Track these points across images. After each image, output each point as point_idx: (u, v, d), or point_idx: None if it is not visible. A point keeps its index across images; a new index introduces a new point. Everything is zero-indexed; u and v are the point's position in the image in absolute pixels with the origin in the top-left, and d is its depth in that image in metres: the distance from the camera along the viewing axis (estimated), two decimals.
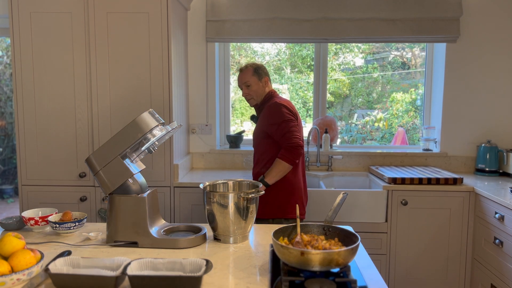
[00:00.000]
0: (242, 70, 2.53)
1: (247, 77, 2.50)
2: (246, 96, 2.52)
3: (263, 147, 2.44)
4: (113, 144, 1.61)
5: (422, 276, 2.83)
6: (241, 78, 2.52)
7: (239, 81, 2.53)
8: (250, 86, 2.48)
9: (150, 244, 1.59)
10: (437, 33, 3.14)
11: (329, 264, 1.25)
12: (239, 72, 2.55)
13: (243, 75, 2.51)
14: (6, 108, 5.83)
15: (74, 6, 2.66)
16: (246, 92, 2.51)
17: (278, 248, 1.32)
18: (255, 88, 2.49)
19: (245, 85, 2.50)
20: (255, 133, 2.51)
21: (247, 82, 2.49)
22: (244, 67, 2.53)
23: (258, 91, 2.49)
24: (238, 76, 2.54)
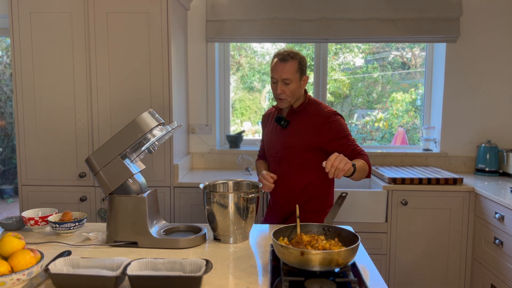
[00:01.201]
0: (286, 61, 1.93)
1: (290, 73, 1.93)
2: (279, 95, 1.96)
3: (303, 158, 2.00)
4: (113, 144, 1.61)
5: (422, 276, 2.83)
6: (280, 71, 1.93)
7: (276, 72, 1.94)
8: (289, 85, 1.94)
9: (150, 244, 1.59)
10: (437, 33, 3.14)
11: (329, 264, 1.25)
12: (276, 60, 1.95)
13: (286, 67, 1.92)
14: (6, 108, 5.83)
15: (74, 6, 2.66)
16: (282, 90, 1.94)
17: (278, 248, 1.32)
18: (294, 88, 1.95)
19: (284, 82, 1.94)
20: (288, 142, 2.01)
21: (288, 80, 1.93)
22: (287, 56, 1.93)
23: (295, 92, 1.97)
24: (276, 66, 1.94)
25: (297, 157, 1.99)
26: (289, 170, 2.01)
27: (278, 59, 1.95)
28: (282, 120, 2.03)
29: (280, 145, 2.03)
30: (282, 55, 1.94)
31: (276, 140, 2.06)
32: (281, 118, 2.04)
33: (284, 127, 2.02)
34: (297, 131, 2.00)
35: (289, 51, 1.95)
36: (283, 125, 2.02)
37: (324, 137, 1.95)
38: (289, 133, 2.01)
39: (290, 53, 1.94)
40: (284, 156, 2.02)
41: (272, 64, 1.98)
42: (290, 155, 2.00)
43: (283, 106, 2.01)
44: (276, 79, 1.94)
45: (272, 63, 1.99)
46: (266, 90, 3.70)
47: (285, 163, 2.02)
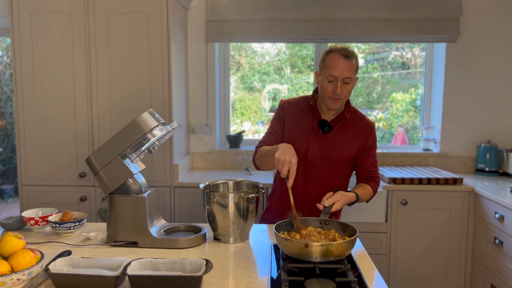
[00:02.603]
0: (350, 58, 1.76)
1: (351, 71, 1.77)
2: (338, 96, 1.77)
3: (343, 170, 1.91)
4: (113, 144, 1.61)
5: (422, 276, 2.83)
6: (343, 69, 1.75)
7: (338, 70, 1.75)
8: (348, 84, 1.78)
9: (150, 244, 1.59)
10: (437, 33, 3.14)
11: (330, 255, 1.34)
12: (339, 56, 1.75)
13: (349, 65, 1.76)
14: (6, 108, 5.83)
15: (74, 6, 2.66)
16: (341, 90, 1.76)
17: (282, 241, 1.39)
18: (351, 88, 1.81)
19: (344, 81, 1.77)
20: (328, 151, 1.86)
21: (349, 79, 1.77)
22: (350, 54, 1.76)
23: (348, 95, 1.83)
24: (339, 63, 1.75)
25: (334, 166, 1.87)
26: (316, 177, 1.88)
27: (342, 55, 1.74)
28: (326, 126, 1.85)
29: (317, 151, 1.86)
30: (346, 51, 1.75)
31: (312, 144, 1.87)
32: (325, 122, 1.86)
33: (326, 133, 1.86)
34: (338, 140, 1.87)
35: (348, 48, 1.78)
36: (325, 130, 1.85)
37: (363, 147, 1.90)
38: (329, 140, 1.86)
39: (351, 50, 1.78)
40: (319, 163, 1.87)
41: (330, 59, 1.77)
42: (327, 164, 1.87)
43: (336, 107, 1.82)
44: (337, 77, 1.75)
45: (328, 58, 1.78)
46: (266, 90, 3.70)
47: (318, 170, 1.88)
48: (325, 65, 1.80)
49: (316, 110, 1.90)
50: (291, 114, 1.94)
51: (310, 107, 1.92)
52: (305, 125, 1.90)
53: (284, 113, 1.95)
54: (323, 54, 1.84)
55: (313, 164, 1.88)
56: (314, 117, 1.90)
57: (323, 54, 1.84)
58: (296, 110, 1.94)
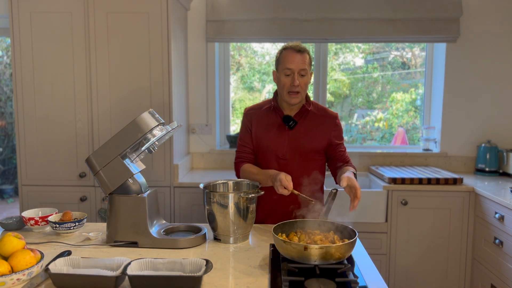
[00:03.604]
0: (302, 52, 1.85)
1: (306, 63, 1.85)
2: (297, 87, 1.84)
3: (316, 162, 1.96)
4: (113, 144, 1.61)
5: (422, 276, 2.83)
6: (297, 61, 1.84)
7: (293, 63, 1.84)
8: (304, 77, 1.86)
9: (150, 244, 1.59)
10: (437, 33, 3.14)
11: (330, 258, 1.31)
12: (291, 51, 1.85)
13: (302, 58, 1.85)
14: (6, 108, 5.83)
15: (74, 6, 2.66)
16: (299, 82, 1.84)
17: (280, 243, 1.37)
18: (307, 81, 1.88)
19: (300, 74, 1.85)
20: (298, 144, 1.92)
21: (305, 71, 1.85)
22: (302, 48, 1.86)
23: (307, 86, 1.90)
24: (293, 56, 1.84)
25: (306, 159, 1.92)
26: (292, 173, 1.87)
27: (294, 50, 1.85)
28: (290, 120, 1.90)
29: (288, 147, 1.92)
30: (297, 46, 1.86)
31: (282, 141, 1.93)
32: (289, 117, 1.91)
33: (291, 128, 1.92)
34: (306, 133, 1.92)
35: (301, 44, 1.88)
36: (291, 125, 1.91)
37: (330, 138, 1.95)
38: (297, 134, 1.92)
39: (303, 46, 1.88)
40: (291, 159, 1.93)
41: (284, 55, 1.87)
42: (299, 158, 1.92)
43: (296, 101, 1.88)
44: (293, 70, 1.83)
45: (283, 55, 1.88)
46: (266, 90, 3.69)
47: (291, 165, 1.92)
48: (280, 61, 1.89)
49: (279, 109, 1.96)
50: (257, 118, 2.00)
51: (273, 108, 1.98)
52: (271, 125, 1.96)
53: (250, 120, 2.02)
54: (278, 53, 1.93)
55: (286, 161, 1.93)
56: (277, 115, 1.96)
57: (278, 53, 1.93)
58: (260, 114, 2.01)
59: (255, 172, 1.91)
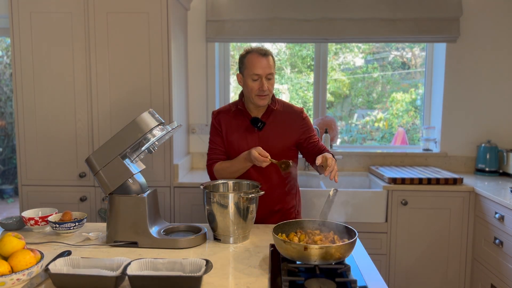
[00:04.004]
0: (266, 55, 1.88)
1: (272, 67, 1.89)
2: (265, 92, 1.87)
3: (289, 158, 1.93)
4: (113, 144, 1.61)
5: (422, 276, 2.83)
6: (264, 66, 1.86)
7: (260, 68, 1.86)
8: (271, 80, 1.89)
9: (150, 244, 1.59)
10: (437, 33, 3.14)
11: (330, 258, 1.31)
12: (256, 55, 1.87)
13: (268, 62, 1.87)
14: (6, 108, 5.83)
15: (74, 6, 2.66)
16: (267, 86, 1.87)
17: (280, 243, 1.36)
18: (273, 83, 1.92)
19: (267, 77, 1.87)
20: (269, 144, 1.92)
21: (271, 74, 1.88)
22: (266, 51, 1.89)
23: (273, 90, 1.95)
24: (259, 61, 1.86)
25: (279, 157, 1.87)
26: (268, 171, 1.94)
27: (259, 54, 1.87)
28: (259, 122, 1.93)
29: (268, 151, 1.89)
30: (261, 50, 1.88)
31: (253, 143, 1.94)
32: (257, 119, 1.93)
33: (260, 129, 1.94)
34: (275, 132, 1.95)
35: (263, 47, 1.91)
36: (259, 127, 1.93)
37: (299, 133, 1.98)
38: (266, 134, 1.94)
39: (266, 48, 1.91)
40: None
41: (250, 60, 1.88)
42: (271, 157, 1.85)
43: (265, 103, 1.91)
44: (260, 75, 1.86)
45: (247, 59, 1.89)
46: None
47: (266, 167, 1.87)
48: (246, 66, 1.90)
49: (246, 112, 1.98)
50: (225, 121, 2.02)
51: (240, 111, 1.99)
52: (239, 128, 1.98)
53: (219, 122, 2.03)
54: (241, 57, 1.94)
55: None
56: (245, 118, 1.98)
57: (241, 56, 1.94)
58: (228, 116, 2.02)
59: (229, 165, 1.94)
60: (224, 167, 1.96)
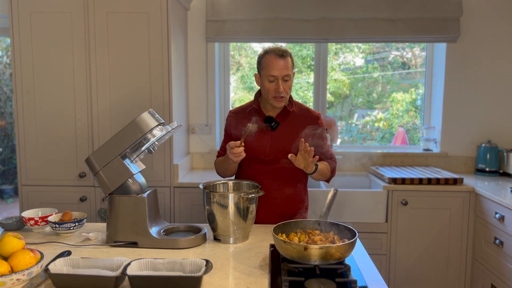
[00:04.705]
0: (284, 57, 1.85)
1: (289, 68, 1.85)
2: (281, 94, 1.85)
3: None
4: (113, 144, 1.61)
5: (422, 276, 2.83)
6: (281, 68, 1.83)
7: (277, 69, 1.83)
8: (288, 81, 1.87)
9: (150, 244, 1.59)
10: (437, 33, 3.13)
11: (330, 258, 1.31)
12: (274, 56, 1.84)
13: (286, 63, 1.84)
14: (6, 108, 5.83)
15: (74, 6, 2.66)
16: (283, 88, 1.84)
17: (280, 243, 1.36)
18: (291, 85, 1.90)
19: (284, 79, 1.85)
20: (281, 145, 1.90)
21: (288, 76, 1.85)
22: (284, 52, 1.85)
23: (291, 89, 1.92)
24: (276, 63, 1.83)
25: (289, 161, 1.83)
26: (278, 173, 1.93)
27: (276, 55, 1.84)
28: (273, 121, 1.92)
29: (270, 148, 1.92)
30: (279, 50, 1.85)
31: (265, 142, 1.92)
32: (272, 119, 1.93)
33: (274, 129, 1.93)
34: (288, 133, 1.92)
35: (282, 47, 1.88)
36: (273, 126, 1.92)
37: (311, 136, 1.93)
38: (279, 135, 1.92)
39: (284, 49, 1.88)
40: (274, 160, 1.92)
41: (267, 61, 1.86)
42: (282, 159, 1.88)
43: (281, 105, 1.90)
44: (277, 77, 1.84)
45: (265, 60, 1.87)
46: None
47: (274, 166, 1.92)
48: (263, 66, 1.88)
49: (260, 111, 1.96)
50: (239, 121, 2.00)
51: (255, 110, 1.98)
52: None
53: (229, 123, 2.05)
54: (259, 57, 1.92)
55: (271, 161, 1.93)
56: (260, 117, 1.96)
57: (259, 56, 1.92)
58: (242, 116, 2.01)
59: (222, 160, 1.98)
60: (219, 162, 2.03)
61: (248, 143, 1.92)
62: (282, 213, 1.95)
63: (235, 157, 1.79)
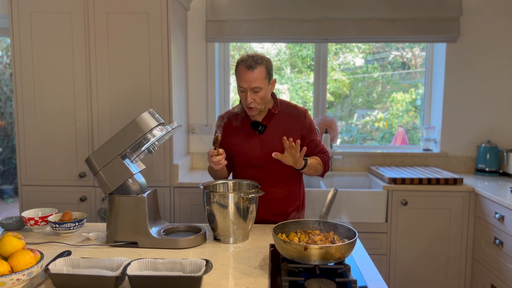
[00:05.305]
0: (253, 68, 1.80)
1: (258, 80, 1.81)
2: (250, 104, 1.85)
3: None
4: (113, 144, 1.61)
5: (422, 276, 2.83)
6: (249, 80, 1.81)
7: (244, 81, 1.82)
8: (258, 92, 1.83)
9: (150, 244, 1.59)
10: (437, 33, 3.14)
11: (330, 258, 1.31)
12: (243, 67, 1.82)
13: (254, 75, 1.80)
14: (6, 108, 5.83)
15: (74, 6, 2.66)
16: (252, 98, 1.83)
17: (281, 244, 1.36)
18: (263, 95, 1.85)
19: (253, 90, 1.83)
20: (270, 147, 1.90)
21: (257, 88, 1.82)
22: (254, 63, 1.81)
23: (265, 99, 1.88)
24: (243, 74, 1.82)
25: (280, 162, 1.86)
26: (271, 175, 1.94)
27: (245, 66, 1.81)
28: (259, 126, 1.92)
29: (260, 152, 1.92)
30: (248, 61, 1.81)
31: (254, 147, 1.93)
32: (258, 123, 1.92)
33: (261, 133, 1.92)
34: (275, 136, 1.91)
35: (254, 56, 1.83)
36: (260, 130, 1.92)
37: (301, 134, 1.94)
38: (267, 138, 1.92)
39: (257, 58, 1.82)
40: (266, 163, 1.92)
41: (238, 71, 1.85)
42: (273, 161, 1.87)
43: (253, 113, 1.91)
44: (245, 88, 1.83)
45: (237, 71, 1.85)
46: None
47: (267, 169, 1.93)
48: (236, 76, 1.89)
49: (246, 116, 1.97)
50: (228, 125, 2.01)
51: (241, 115, 1.99)
52: (241, 131, 1.97)
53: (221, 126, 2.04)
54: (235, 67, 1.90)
55: (262, 165, 1.93)
56: (246, 121, 1.97)
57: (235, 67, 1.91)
58: (231, 120, 2.01)
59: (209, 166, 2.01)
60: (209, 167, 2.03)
61: (238, 149, 1.96)
62: (277, 212, 1.96)
63: (215, 165, 1.81)
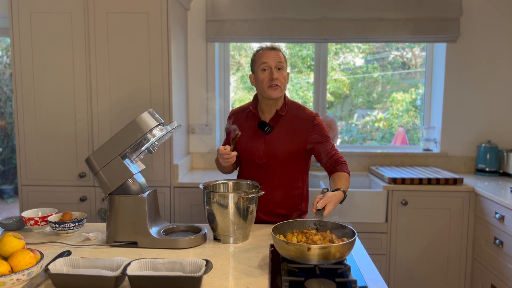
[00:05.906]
0: (275, 49, 1.89)
1: (281, 58, 1.88)
2: (275, 80, 1.83)
3: (295, 165, 1.94)
4: (113, 144, 1.61)
5: (422, 276, 2.83)
6: (273, 56, 1.85)
7: (269, 58, 1.85)
8: (282, 70, 1.87)
9: (150, 244, 1.59)
10: (437, 33, 3.14)
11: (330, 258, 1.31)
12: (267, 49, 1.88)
13: (277, 54, 1.87)
14: (6, 108, 5.82)
15: (74, 6, 2.66)
16: (277, 75, 1.83)
17: (281, 244, 1.36)
18: (286, 75, 1.90)
19: (277, 67, 1.85)
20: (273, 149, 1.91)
21: (281, 64, 1.86)
22: (275, 47, 1.91)
23: (286, 82, 1.91)
24: (267, 53, 1.86)
25: (284, 163, 1.91)
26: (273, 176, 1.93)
27: (267, 48, 1.89)
28: (266, 126, 1.92)
29: (264, 152, 1.92)
30: (271, 45, 1.92)
31: (259, 146, 1.93)
32: (265, 123, 1.92)
33: (267, 133, 1.92)
34: (281, 137, 1.91)
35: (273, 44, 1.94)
36: (267, 131, 1.92)
37: (308, 139, 1.91)
38: (272, 139, 1.92)
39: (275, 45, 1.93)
40: (268, 164, 1.92)
41: (259, 54, 1.89)
42: (276, 162, 1.91)
43: (277, 95, 1.86)
44: (270, 64, 1.84)
45: (258, 54, 1.89)
46: None
47: (270, 170, 1.93)
48: (256, 61, 1.90)
49: (256, 115, 1.97)
50: (237, 122, 1.99)
51: (252, 112, 1.98)
52: (248, 130, 1.97)
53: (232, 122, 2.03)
54: (252, 56, 1.94)
55: (264, 165, 1.93)
56: (256, 120, 1.97)
57: (252, 56, 1.94)
58: (241, 117, 2.02)
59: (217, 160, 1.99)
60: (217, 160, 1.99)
61: (243, 147, 1.96)
62: (278, 213, 1.96)
63: (225, 162, 1.82)
